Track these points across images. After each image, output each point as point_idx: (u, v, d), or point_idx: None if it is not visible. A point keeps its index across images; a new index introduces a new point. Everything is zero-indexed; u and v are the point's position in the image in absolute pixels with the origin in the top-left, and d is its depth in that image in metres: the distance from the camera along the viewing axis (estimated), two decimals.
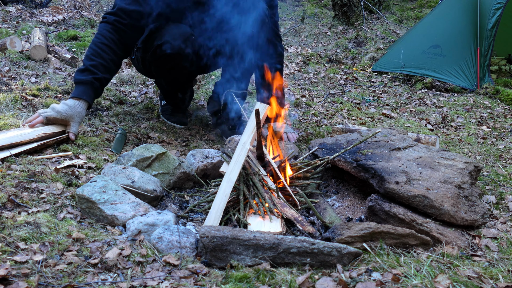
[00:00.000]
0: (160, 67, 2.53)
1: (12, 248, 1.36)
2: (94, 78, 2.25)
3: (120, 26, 2.32)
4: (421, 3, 8.18)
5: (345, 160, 2.08)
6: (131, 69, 3.83)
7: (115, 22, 2.32)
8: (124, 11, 2.32)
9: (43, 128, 2.13)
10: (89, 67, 2.25)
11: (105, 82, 2.34)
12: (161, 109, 2.92)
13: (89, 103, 2.26)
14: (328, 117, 3.40)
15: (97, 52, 2.28)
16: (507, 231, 1.75)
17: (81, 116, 2.22)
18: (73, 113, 2.19)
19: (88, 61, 2.27)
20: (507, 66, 5.00)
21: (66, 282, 1.25)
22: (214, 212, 1.71)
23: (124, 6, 2.33)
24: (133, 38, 2.44)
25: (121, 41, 2.35)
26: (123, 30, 2.33)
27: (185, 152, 2.48)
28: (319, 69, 4.95)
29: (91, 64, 2.26)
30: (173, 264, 1.41)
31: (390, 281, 1.34)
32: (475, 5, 4.39)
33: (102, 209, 1.65)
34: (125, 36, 2.35)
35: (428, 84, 4.37)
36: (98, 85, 2.27)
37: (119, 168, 1.90)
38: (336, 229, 1.61)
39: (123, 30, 2.33)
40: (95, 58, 2.27)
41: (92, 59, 2.27)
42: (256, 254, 1.43)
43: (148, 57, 2.51)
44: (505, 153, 2.69)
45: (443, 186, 1.82)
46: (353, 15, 6.72)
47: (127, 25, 2.33)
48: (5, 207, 1.58)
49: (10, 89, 2.79)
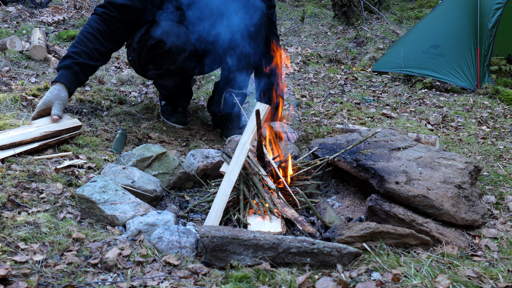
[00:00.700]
0: (156, 66, 2.53)
1: (12, 248, 1.36)
2: (73, 63, 2.29)
3: (108, 18, 2.37)
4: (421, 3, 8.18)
5: (345, 160, 2.08)
6: (131, 69, 3.83)
7: (103, 14, 2.37)
8: (113, 4, 2.37)
9: (47, 126, 2.14)
10: (71, 53, 2.31)
11: (87, 68, 2.37)
12: (161, 109, 2.92)
13: (67, 86, 2.29)
14: (328, 117, 3.40)
15: (82, 40, 2.34)
16: (507, 231, 1.75)
17: (60, 98, 2.26)
18: (52, 97, 2.25)
19: (72, 48, 2.34)
20: (507, 66, 5.00)
21: (66, 282, 1.25)
22: (214, 212, 1.71)
23: (113, 0, 2.37)
24: (122, 31, 2.46)
25: (108, 33, 2.38)
26: (111, 21, 2.37)
27: (185, 152, 2.48)
28: (319, 69, 4.95)
29: (73, 51, 2.32)
30: (173, 264, 1.41)
31: (390, 281, 1.34)
32: (475, 5, 4.39)
33: (102, 209, 1.65)
34: (113, 28, 2.39)
35: (428, 84, 4.37)
36: (78, 70, 2.31)
37: (119, 168, 1.91)
38: (336, 229, 1.61)
39: (111, 22, 2.37)
40: (78, 45, 2.33)
41: (75, 46, 2.33)
42: (256, 254, 1.43)
43: (143, 57, 2.51)
44: (505, 153, 2.69)
45: (443, 186, 1.82)
46: (353, 15, 6.71)
47: (115, 18, 2.37)
48: (5, 207, 1.58)
49: (10, 89, 2.79)
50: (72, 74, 2.30)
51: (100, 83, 3.31)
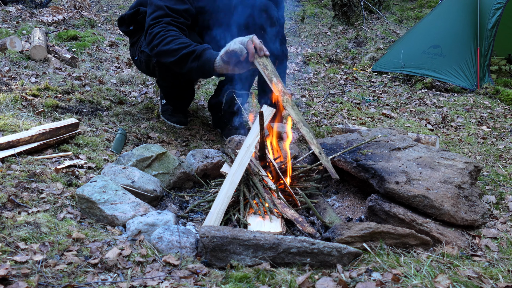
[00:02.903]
0: (164, 72, 2.53)
1: (12, 248, 1.36)
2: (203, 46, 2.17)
3: (177, 25, 2.29)
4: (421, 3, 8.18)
5: (345, 160, 2.08)
6: (131, 69, 3.83)
7: (172, 21, 2.28)
8: (175, 11, 2.30)
9: (43, 126, 2.15)
10: (194, 47, 2.16)
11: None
12: (161, 109, 2.92)
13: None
14: (328, 117, 3.40)
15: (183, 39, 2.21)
16: (507, 231, 1.75)
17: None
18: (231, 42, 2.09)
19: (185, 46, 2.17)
20: (507, 66, 5.00)
21: (66, 282, 1.25)
22: (215, 213, 1.71)
23: (175, 7, 2.29)
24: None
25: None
26: (181, 28, 2.30)
27: (185, 152, 2.48)
28: (319, 69, 4.95)
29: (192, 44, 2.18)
30: (173, 264, 1.41)
31: (390, 281, 1.34)
32: (475, 5, 4.38)
33: (102, 209, 1.65)
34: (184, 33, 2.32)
35: (428, 84, 4.37)
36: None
37: (119, 168, 1.90)
38: (336, 229, 1.61)
39: (181, 28, 2.31)
40: (187, 40, 2.21)
41: (187, 42, 2.20)
42: (256, 254, 1.43)
43: (153, 63, 2.51)
44: (505, 153, 2.69)
45: (443, 186, 1.82)
46: (353, 15, 6.71)
47: (183, 23, 2.31)
48: (5, 207, 1.58)
49: (10, 89, 2.79)
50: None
51: (100, 83, 3.31)
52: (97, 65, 3.86)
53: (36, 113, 2.50)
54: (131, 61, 3.96)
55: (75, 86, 3.04)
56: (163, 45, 2.19)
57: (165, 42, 2.19)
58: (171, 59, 2.18)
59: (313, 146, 1.94)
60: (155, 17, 2.29)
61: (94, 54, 4.10)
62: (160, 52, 2.22)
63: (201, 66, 2.12)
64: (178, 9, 2.30)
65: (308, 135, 1.95)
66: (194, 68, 2.14)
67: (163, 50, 2.19)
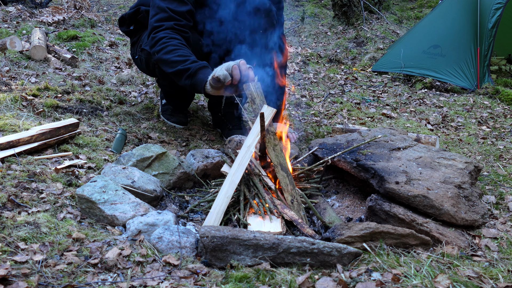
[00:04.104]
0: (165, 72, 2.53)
1: (12, 248, 1.36)
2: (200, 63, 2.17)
3: (180, 29, 2.30)
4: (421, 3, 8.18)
5: (345, 160, 2.08)
6: (131, 69, 3.83)
7: (175, 26, 2.29)
8: (177, 12, 2.30)
9: (44, 125, 2.14)
10: (193, 63, 2.16)
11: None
12: (161, 109, 2.92)
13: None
14: (328, 117, 3.41)
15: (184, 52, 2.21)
16: (507, 231, 1.75)
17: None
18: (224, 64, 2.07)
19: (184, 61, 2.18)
20: (507, 66, 5.00)
21: (66, 282, 1.25)
22: (215, 213, 1.71)
23: (177, 9, 2.29)
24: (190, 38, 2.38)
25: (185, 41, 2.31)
26: (184, 31, 2.31)
27: (185, 152, 2.48)
28: (319, 69, 4.95)
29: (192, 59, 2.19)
30: (173, 264, 1.41)
31: (390, 281, 1.34)
32: (475, 5, 4.39)
33: (102, 209, 1.65)
34: (186, 36, 2.33)
35: (428, 84, 4.37)
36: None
37: (119, 168, 1.91)
38: (336, 229, 1.61)
39: (184, 31, 2.31)
40: (188, 54, 2.21)
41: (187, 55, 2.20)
42: (256, 254, 1.43)
43: (153, 61, 2.51)
44: (505, 153, 2.69)
45: (443, 186, 1.82)
46: (353, 15, 6.71)
47: (185, 25, 2.32)
48: (5, 207, 1.58)
49: (10, 89, 2.79)
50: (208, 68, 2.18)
51: (100, 83, 3.31)
52: (97, 65, 3.86)
53: (36, 113, 2.50)
54: (131, 61, 3.96)
55: (75, 86, 3.04)
56: (163, 53, 2.22)
57: (166, 50, 2.21)
58: (169, 69, 2.21)
59: (286, 193, 1.87)
60: (158, 19, 2.31)
61: (94, 54, 4.10)
62: (160, 60, 2.25)
63: (193, 85, 2.15)
64: (180, 11, 2.32)
65: (283, 181, 1.89)
66: (188, 85, 2.17)
67: (163, 58, 2.22)
